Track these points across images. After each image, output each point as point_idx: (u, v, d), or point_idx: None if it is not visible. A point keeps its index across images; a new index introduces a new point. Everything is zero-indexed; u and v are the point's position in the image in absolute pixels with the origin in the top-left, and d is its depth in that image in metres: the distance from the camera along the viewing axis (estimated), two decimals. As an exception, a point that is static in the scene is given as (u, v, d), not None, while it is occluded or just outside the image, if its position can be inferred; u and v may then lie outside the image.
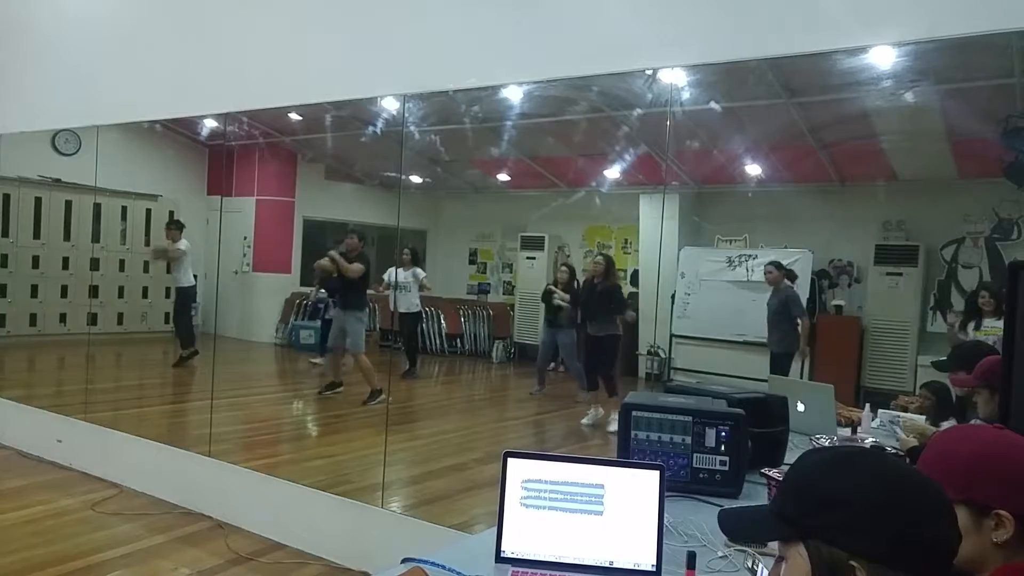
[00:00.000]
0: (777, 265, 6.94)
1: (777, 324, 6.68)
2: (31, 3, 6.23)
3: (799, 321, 6.68)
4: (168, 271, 9.08)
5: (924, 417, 3.42)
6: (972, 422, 2.66)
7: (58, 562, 3.79)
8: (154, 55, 5.28)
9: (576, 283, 8.06)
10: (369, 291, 7.88)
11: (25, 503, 4.62)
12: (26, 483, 5.01)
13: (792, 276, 6.94)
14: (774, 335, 6.72)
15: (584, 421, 7.22)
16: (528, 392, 8.70)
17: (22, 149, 7.66)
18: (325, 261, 7.57)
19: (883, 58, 3.18)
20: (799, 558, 0.97)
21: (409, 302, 8.94)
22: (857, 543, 0.93)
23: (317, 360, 9.34)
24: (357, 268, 7.35)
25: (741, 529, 1.17)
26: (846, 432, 2.95)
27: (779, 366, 6.57)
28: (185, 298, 8.78)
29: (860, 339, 8.11)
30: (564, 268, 8.30)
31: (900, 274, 7.98)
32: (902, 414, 3.45)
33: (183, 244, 8.61)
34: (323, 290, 9.65)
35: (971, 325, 5.99)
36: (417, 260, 9.16)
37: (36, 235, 9.54)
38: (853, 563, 0.92)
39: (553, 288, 8.06)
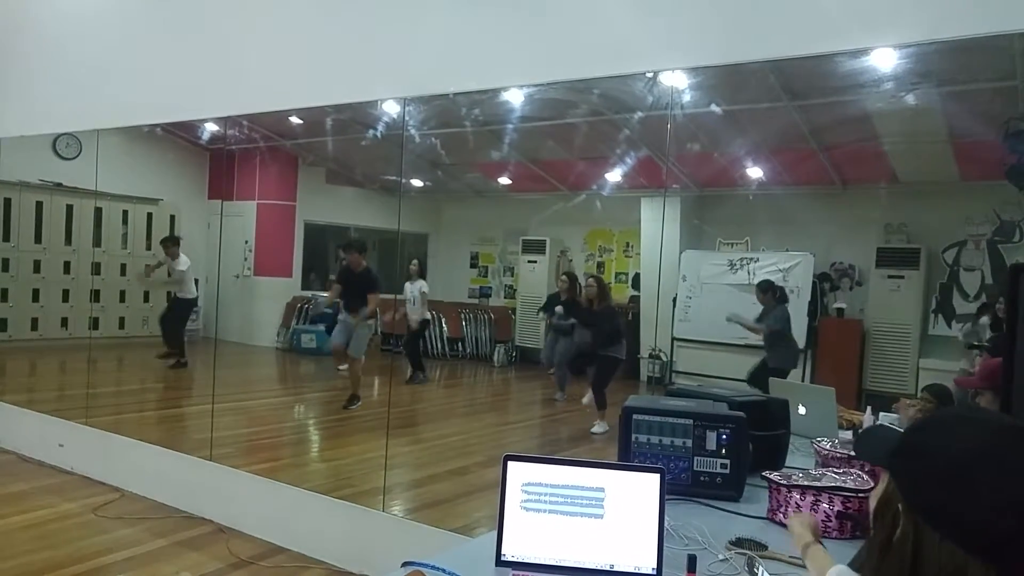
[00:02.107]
0: (763, 288, 6.94)
1: (773, 343, 6.73)
2: (32, 7, 6.24)
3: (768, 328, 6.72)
4: (169, 275, 9.11)
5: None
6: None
7: (60, 566, 3.79)
8: (155, 59, 5.29)
9: (578, 288, 8.10)
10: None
11: (27, 507, 4.62)
12: (28, 487, 5.01)
13: (783, 298, 6.98)
14: (771, 352, 6.78)
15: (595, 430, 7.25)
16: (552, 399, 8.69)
17: (23, 153, 7.67)
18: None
19: (884, 60, 3.18)
20: (882, 484, 1.07)
21: (418, 314, 8.97)
22: (908, 491, 0.97)
23: (344, 367, 9.34)
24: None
25: (861, 446, 1.24)
26: (847, 435, 2.95)
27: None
28: (187, 309, 8.82)
29: (862, 342, 8.11)
30: (564, 278, 8.33)
31: (902, 277, 7.98)
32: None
33: (184, 262, 8.64)
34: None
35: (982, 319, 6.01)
36: (423, 272, 9.16)
37: (37, 239, 9.55)
38: (900, 506, 0.98)
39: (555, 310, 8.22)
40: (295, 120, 7.42)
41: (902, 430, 1.09)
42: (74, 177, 8.49)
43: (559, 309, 8.20)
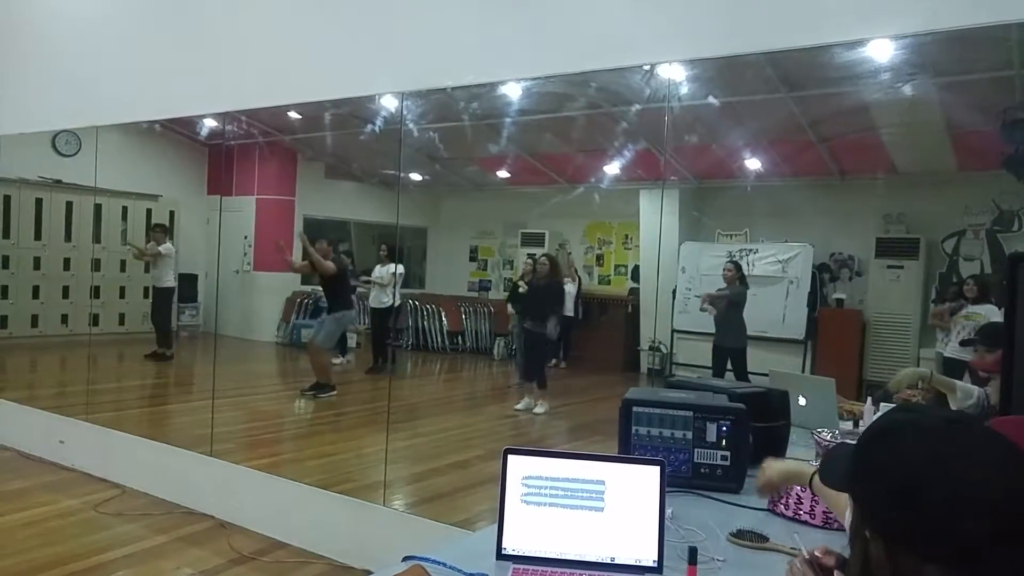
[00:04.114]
0: (737, 265, 7.36)
1: (727, 320, 6.98)
2: (30, 4, 6.22)
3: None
4: (147, 271, 9.22)
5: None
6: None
7: (61, 563, 3.79)
8: (153, 55, 5.28)
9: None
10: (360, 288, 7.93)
11: (27, 504, 4.62)
12: (28, 484, 5.01)
13: (744, 281, 7.28)
14: (723, 331, 7.01)
15: (518, 407, 7.61)
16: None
17: (23, 150, 7.67)
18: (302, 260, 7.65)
19: (881, 51, 3.17)
20: (849, 510, 0.99)
21: (380, 298, 9.00)
22: (868, 515, 0.93)
23: (339, 360, 9.32)
24: (329, 266, 7.55)
25: (825, 472, 1.15)
26: (848, 426, 2.95)
27: (724, 360, 6.91)
28: (164, 298, 8.88)
29: (861, 332, 8.12)
30: (544, 260, 8.32)
31: (901, 267, 7.99)
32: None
33: (165, 247, 8.72)
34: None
35: (957, 307, 6.08)
36: (393, 256, 9.21)
37: (37, 236, 9.55)
38: (867, 533, 0.92)
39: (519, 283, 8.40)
40: (294, 115, 7.41)
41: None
42: (73, 174, 8.48)
43: (521, 289, 8.22)
